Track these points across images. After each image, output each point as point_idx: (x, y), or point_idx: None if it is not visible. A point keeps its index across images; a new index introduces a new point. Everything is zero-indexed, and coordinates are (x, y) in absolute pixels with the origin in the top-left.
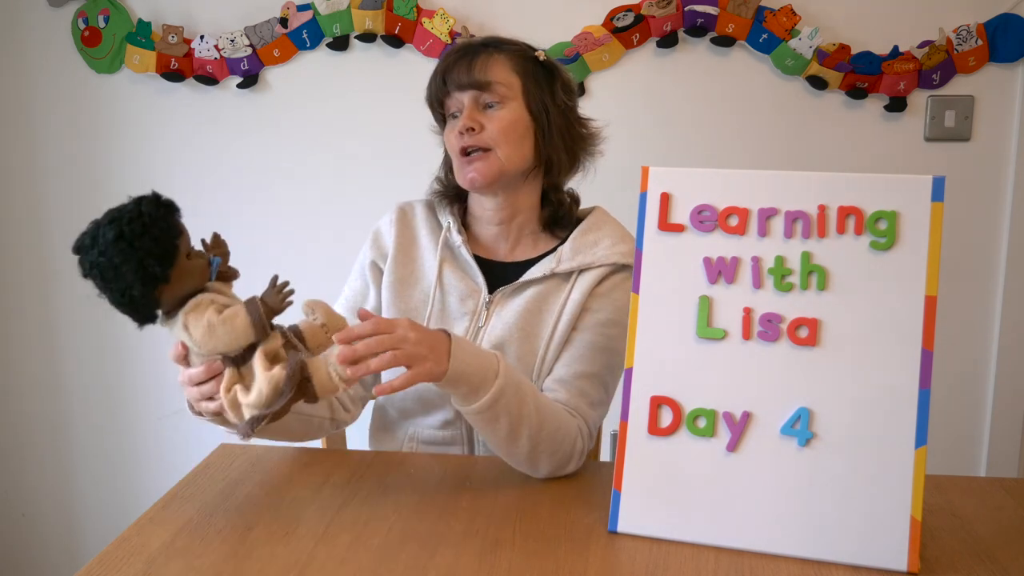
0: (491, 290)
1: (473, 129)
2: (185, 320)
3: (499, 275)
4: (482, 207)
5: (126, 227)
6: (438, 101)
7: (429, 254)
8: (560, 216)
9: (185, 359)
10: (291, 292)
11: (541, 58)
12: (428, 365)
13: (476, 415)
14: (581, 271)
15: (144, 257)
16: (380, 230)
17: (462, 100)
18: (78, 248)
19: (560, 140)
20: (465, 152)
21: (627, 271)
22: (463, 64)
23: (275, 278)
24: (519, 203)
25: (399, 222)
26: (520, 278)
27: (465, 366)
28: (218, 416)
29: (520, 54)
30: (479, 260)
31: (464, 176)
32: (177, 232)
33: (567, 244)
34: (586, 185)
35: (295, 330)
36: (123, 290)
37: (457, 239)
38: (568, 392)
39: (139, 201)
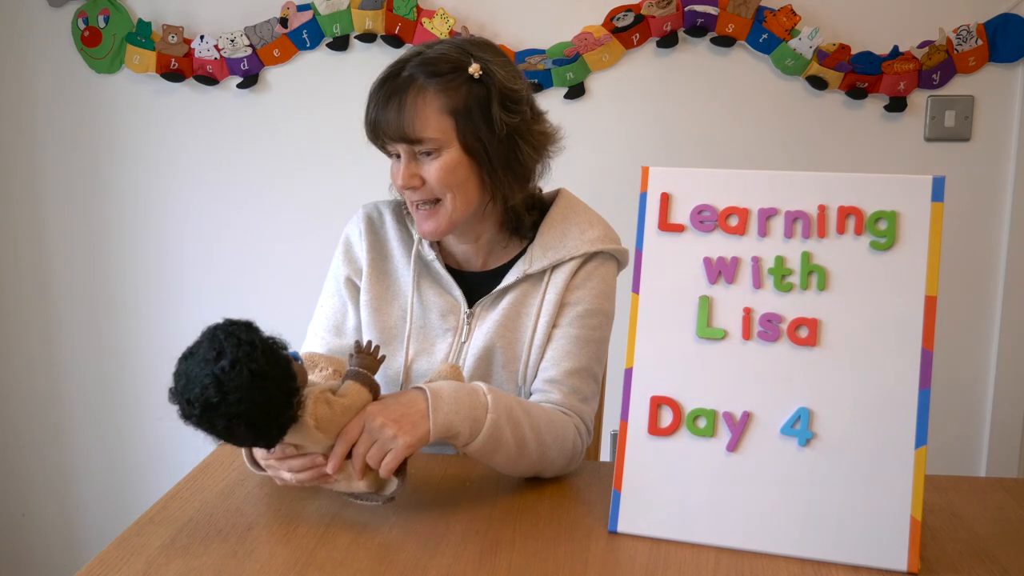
0: (470, 303)
1: (416, 186)
2: (314, 420)
3: (475, 286)
4: None
5: (252, 364)
6: (372, 139)
7: (403, 268)
8: (524, 223)
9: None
10: (379, 348)
11: (476, 75)
12: (401, 441)
13: (474, 453)
14: (554, 267)
15: (280, 381)
16: (350, 241)
17: (396, 148)
18: (204, 408)
19: (504, 171)
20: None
21: (599, 258)
22: (392, 110)
23: (358, 343)
24: (481, 228)
25: (369, 233)
26: (496, 286)
27: (450, 416)
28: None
29: (451, 83)
30: (453, 272)
31: (419, 228)
32: (281, 344)
33: (536, 243)
34: (586, 185)
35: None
36: (270, 422)
37: (430, 253)
38: (561, 392)
39: (231, 332)
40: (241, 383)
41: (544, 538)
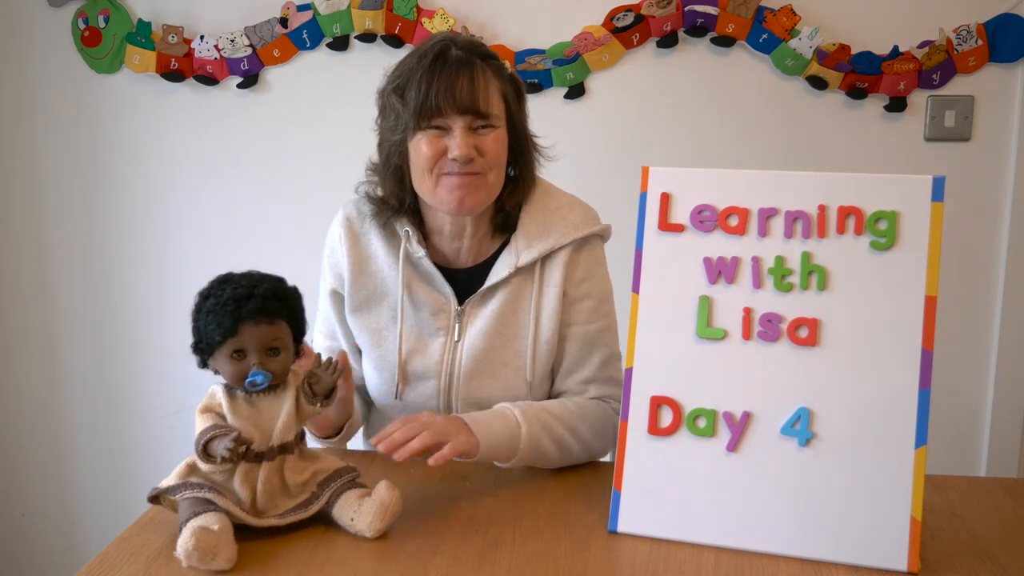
0: (460, 301)
1: (473, 157)
2: (249, 400)
3: (464, 283)
4: (443, 220)
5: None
6: (422, 112)
7: (389, 267)
8: (512, 218)
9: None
10: (336, 364)
11: (507, 71)
12: (462, 438)
13: (521, 464)
14: (544, 258)
15: (294, 304)
16: (333, 248)
17: (454, 121)
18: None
19: (530, 159)
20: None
21: (590, 242)
22: (463, 83)
23: (318, 356)
24: (480, 219)
25: (348, 237)
26: (485, 283)
27: (489, 436)
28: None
29: (501, 71)
30: (441, 270)
31: (451, 198)
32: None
33: (519, 233)
34: (586, 185)
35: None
36: (279, 301)
37: (419, 250)
38: (598, 387)
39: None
40: (280, 282)
41: (544, 538)
